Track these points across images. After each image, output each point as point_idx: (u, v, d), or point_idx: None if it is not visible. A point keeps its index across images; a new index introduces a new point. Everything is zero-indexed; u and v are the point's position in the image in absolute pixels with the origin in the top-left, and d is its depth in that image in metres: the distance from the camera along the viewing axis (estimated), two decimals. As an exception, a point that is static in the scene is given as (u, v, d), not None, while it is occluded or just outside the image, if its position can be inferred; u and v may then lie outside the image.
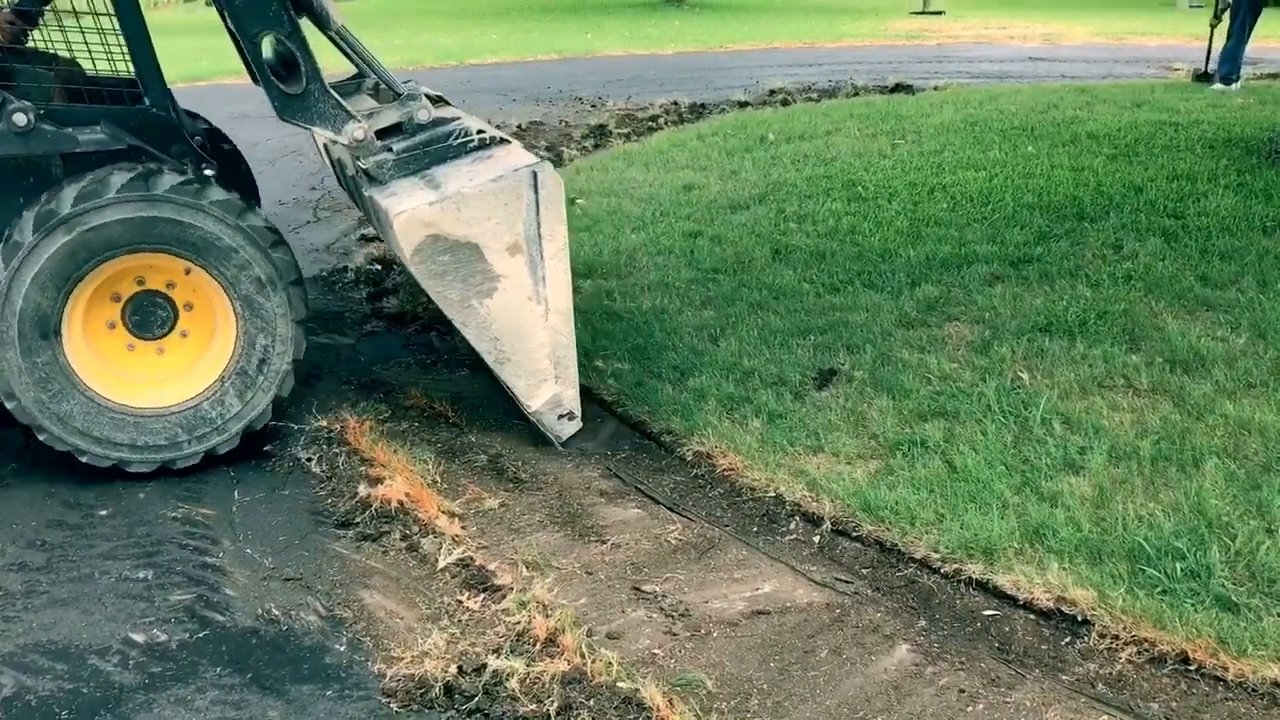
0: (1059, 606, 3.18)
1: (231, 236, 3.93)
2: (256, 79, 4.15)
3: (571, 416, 4.37)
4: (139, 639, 3.13)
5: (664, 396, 4.62)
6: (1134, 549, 3.35)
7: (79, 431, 3.92)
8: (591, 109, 12.22)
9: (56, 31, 4.59)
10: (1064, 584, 3.23)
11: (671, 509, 3.91)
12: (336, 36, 4.56)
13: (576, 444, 4.40)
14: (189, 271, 4.00)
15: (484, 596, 3.32)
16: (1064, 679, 2.93)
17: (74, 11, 4.34)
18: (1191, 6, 26.60)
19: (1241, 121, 9.68)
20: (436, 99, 4.83)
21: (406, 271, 4.63)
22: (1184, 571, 3.23)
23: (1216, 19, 12.88)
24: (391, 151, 4.18)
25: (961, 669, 2.99)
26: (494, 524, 3.81)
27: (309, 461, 4.16)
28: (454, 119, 4.32)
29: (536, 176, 3.97)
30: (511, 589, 3.32)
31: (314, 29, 4.36)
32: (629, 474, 4.17)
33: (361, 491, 3.88)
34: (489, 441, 4.42)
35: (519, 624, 3.14)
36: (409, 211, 3.89)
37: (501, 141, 4.27)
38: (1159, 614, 3.08)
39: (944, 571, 3.41)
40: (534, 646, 3.03)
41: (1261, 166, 7.82)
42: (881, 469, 3.97)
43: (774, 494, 3.91)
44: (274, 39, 4.09)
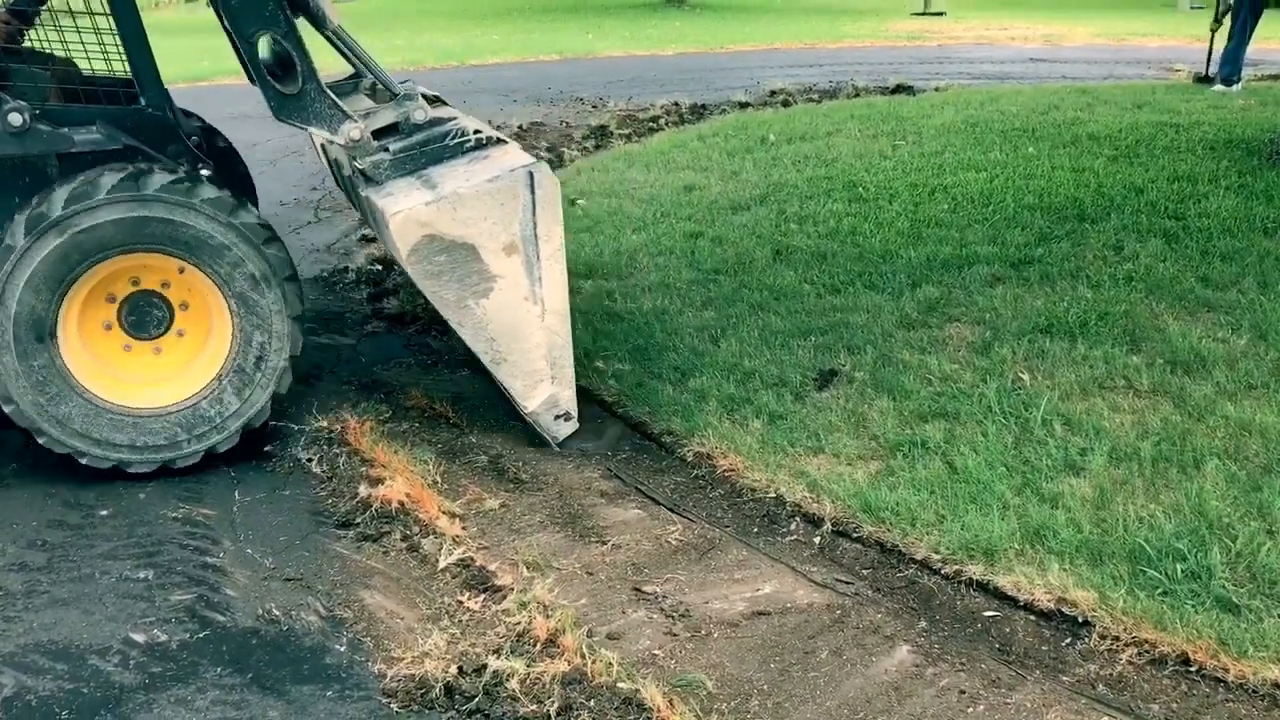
0: (1060, 608, 3.17)
1: (224, 234, 3.92)
2: (253, 79, 4.15)
3: (568, 417, 4.37)
4: (139, 639, 3.13)
5: (665, 397, 4.62)
6: (1135, 550, 3.35)
7: (78, 433, 3.92)
8: (592, 110, 12.21)
9: (53, 31, 4.58)
10: (1065, 585, 3.23)
11: (672, 510, 3.90)
12: (333, 36, 4.55)
13: (577, 445, 4.39)
14: (183, 271, 4.00)
15: (484, 597, 3.32)
16: (1065, 680, 2.93)
17: (70, 11, 4.33)
18: (1193, 8, 26.56)
19: (1242, 123, 9.67)
20: (433, 99, 4.82)
21: (405, 272, 4.63)
22: (1185, 573, 3.23)
23: (1217, 22, 12.86)
24: (388, 151, 4.17)
25: (962, 670, 2.98)
26: (494, 524, 3.81)
27: (309, 462, 4.16)
28: (450, 119, 4.32)
29: (533, 177, 3.97)
30: (512, 589, 3.32)
31: (310, 29, 4.36)
32: (629, 475, 4.17)
33: (362, 492, 3.88)
34: (490, 442, 4.42)
35: (519, 624, 3.13)
36: (405, 211, 3.88)
37: (498, 142, 4.27)
38: (1160, 615, 3.07)
39: (944, 572, 3.41)
40: (534, 647, 3.03)
41: (1262, 168, 7.81)
42: (882, 470, 3.97)
43: (774, 495, 3.91)
44: (270, 39, 4.09)
